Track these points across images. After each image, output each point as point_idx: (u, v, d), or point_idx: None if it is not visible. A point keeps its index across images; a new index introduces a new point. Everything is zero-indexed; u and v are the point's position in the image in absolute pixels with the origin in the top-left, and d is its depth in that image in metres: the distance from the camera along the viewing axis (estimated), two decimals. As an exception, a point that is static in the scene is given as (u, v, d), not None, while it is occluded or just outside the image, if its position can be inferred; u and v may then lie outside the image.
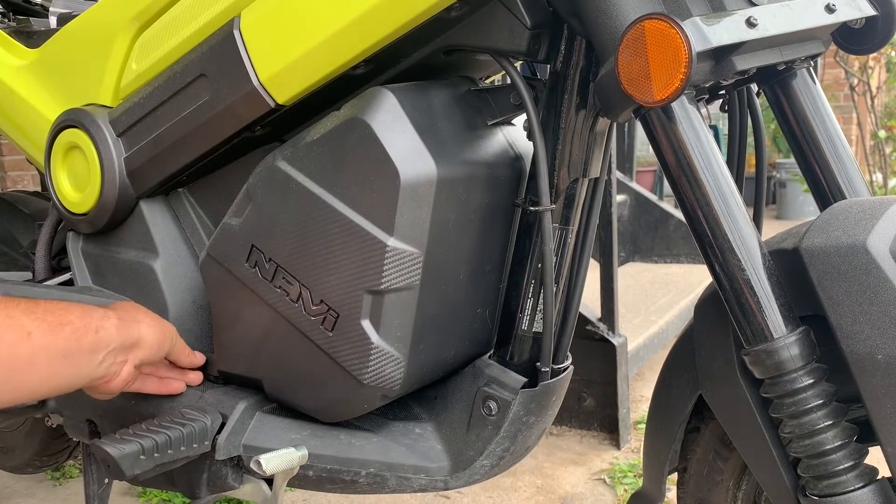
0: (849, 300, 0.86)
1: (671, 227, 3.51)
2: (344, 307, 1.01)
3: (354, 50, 1.00)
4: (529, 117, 1.00)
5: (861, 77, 4.62)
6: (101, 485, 1.32)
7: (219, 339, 1.15)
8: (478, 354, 1.14)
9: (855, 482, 0.88)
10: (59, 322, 0.99)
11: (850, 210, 0.92)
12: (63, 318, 1.00)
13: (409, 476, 1.09)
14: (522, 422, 1.07)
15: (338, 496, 1.93)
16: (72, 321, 1.00)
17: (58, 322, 0.99)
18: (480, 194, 1.05)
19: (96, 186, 1.21)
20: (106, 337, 1.03)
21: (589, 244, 1.12)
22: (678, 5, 0.92)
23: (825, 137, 1.10)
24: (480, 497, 2.00)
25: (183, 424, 1.07)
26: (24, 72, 1.34)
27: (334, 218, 1.00)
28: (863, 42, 1.12)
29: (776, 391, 0.91)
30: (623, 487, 2.06)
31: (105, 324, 1.03)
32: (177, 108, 1.14)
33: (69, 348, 0.99)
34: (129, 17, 1.18)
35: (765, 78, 1.11)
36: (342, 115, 1.00)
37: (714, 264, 0.92)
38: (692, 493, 1.12)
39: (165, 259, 1.21)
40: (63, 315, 1.00)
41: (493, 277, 1.12)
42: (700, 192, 0.91)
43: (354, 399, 1.06)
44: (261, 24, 1.05)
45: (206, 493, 1.16)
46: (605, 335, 2.27)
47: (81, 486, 1.34)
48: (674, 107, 0.91)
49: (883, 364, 0.85)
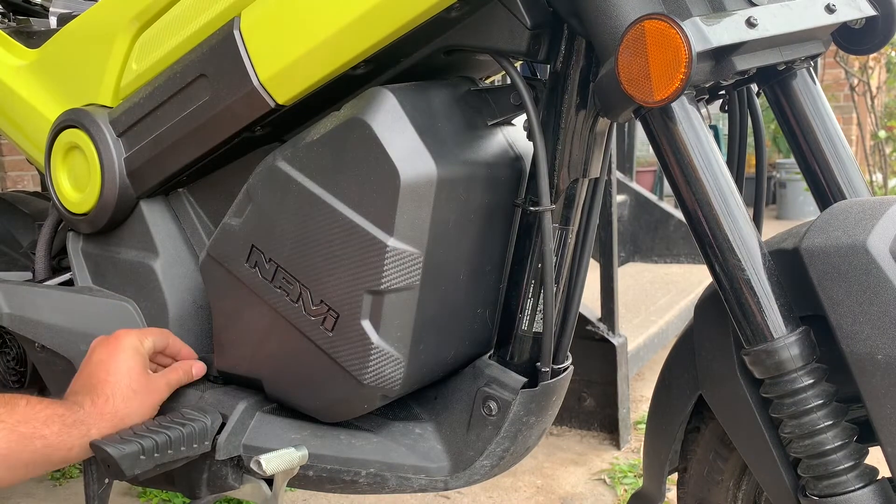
0: (849, 300, 0.86)
1: (671, 227, 3.51)
2: (344, 307, 1.01)
3: (354, 50, 1.00)
4: (529, 117, 1.00)
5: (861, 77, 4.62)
6: (101, 485, 1.32)
7: (219, 340, 1.15)
8: (478, 354, 1.14)
9: (855, 482, 0.88)
10: (31, 435, 0.98)
11: (850, 210, 0.92)
12: (38, 430, 0.98)
13: (409, 476, 1.09)
14: (522, 422, 1.07)
15: (338, 496, 1.93)
16: (45, 436, 0.99)
17: (30, 434, 0.98)
18: (480, 194, 1.05)
19: (96, 186, 1.21)
20: (79, 454, 1.02)
21: (589, 244, 1.12)
22: (678, 5, 0.92)
23: (825, 137, 1.10)
24: (480, 497, 2.00)
25: (183, 424, 1.07)
26: (24, 72, 1.34)
27: (334, 218, 1.00)
28: (863, 42, 1.12)
29: (776, 391, 0.91)
30: (623, 487, 2.06)
31: (82, 441, 1.01)
32: (177, 109, 1.14)
33: (35, 461, 0.99)
34: (129, 17, 1.18)
35: (765, 78, 1.11)
36: (342, 116, 1.00)
37: (714, 264, 0.92)
38: (692, 493, 1.12)
39: (165, 259, 1.21)
40: (39, 427, 0.99)
41: (493, 277, 1.12)
42: (700, 192, 0.91)
43: (354, 399, 1.06)
44: (261, 25, 1.05)
45: (206, 493, 1.16)
46: (605, 335, 2.27)
47: (81, 486, 1.34)
48: (674, 107, 0.91)
49: (883, 364, 0.85)
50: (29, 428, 0.98)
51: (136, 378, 1.08)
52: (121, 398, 1.06)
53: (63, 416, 1.02)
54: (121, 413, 1.06)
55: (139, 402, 1.08)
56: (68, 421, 1.02)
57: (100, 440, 1.02)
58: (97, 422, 1.04)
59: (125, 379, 1.07)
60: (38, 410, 1.00)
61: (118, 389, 1.07)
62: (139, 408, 1.08)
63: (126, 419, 1.06)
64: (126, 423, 1.06)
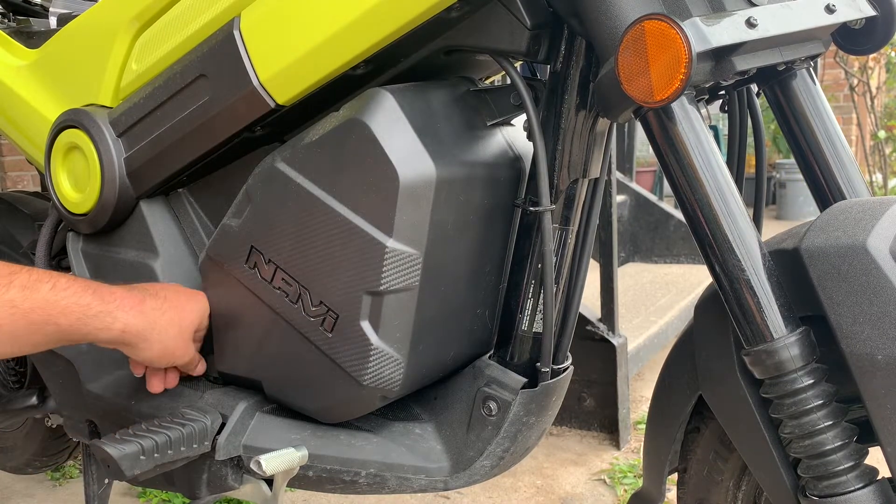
0: (849, 300, 0.86)
1: (671, 227, 3.51)
2: (343, 308, 1.01)
3: (354, 50, 1.00)
4: (529, 118, 1.00)
5: (861, 77, 4.62)
6: (101, 485, 1.33)
7: (218, 340, 1.15)
8: (478, 355, 1.14)
9: (855, 482, 0.88)
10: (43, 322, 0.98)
11: (850, 210, 0.92)
12: (52, 318, 0.98)
13: (409, 476, 1.09)
14: (522, 422, 1.07)
15: (338, 496, 1.93)
16: (59, 324, 0.99)
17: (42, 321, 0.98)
18: (480, 195, 1.05)
19: (96, 187, 1.21)
20: (96, 339, 1.03)
21: (589, 244, 1.12)
22: (678, 5, 0.92)
23: (825, 138, 1.10)
24: (480, 497, 2.00)
25: (183, 425, 1.07)
26: (24, 72, 1.34)
27: (333, 219, 1.00)
28: (863, 42, 1.12)
29: (776, 391, 0.91)
30: (623, 487, 2.06)
31: (99, 333, 1.02)
32: (177, 109, 1.14)
33: (46, 342, 0.99)
34: (129, 18, 1.18)
35: (765, 78, 1.11)
36: (341, 116, 1.00)
37: (714, 264, 0.92)
38: (692, 493, 1.12)
39: (165, 259, 1.21)
40: (55, 316, 0.98)
41: (492, 278, 1.12)
42: (700, 192, 0.91)
43: (354, 400, 1.06)
44: (261, 25, 1.05)
45: (206, 493, 1.16)
46: (605, 335, 2.27)
47: (81, 486, 1.34)
48: (674, 107, 0.91)
49: (883, 364, 0.85)
50: (42, 316, 0.97)
51: (187, 318, 1.09)
52: (162, 316, 1.06)
53: (88, 305, 1.00)
54: (152, 322, 1.05)
55: (172, 335, 1.07)
56: (91, 311, 1.01)
57: (100, 440, 1.02)
58: (125, 314, 1.03)
59: (180, 311, 1.08)
60: (61, 297, 0.99)
61: (165, 307, 1.07)
62: (166, 335, 1.07)
63: (153, 331, 1.05)
64: (149, 338, 1.05)
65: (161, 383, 1.15)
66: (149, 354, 1.07)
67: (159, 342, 1.07)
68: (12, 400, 1.47)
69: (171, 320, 1.07)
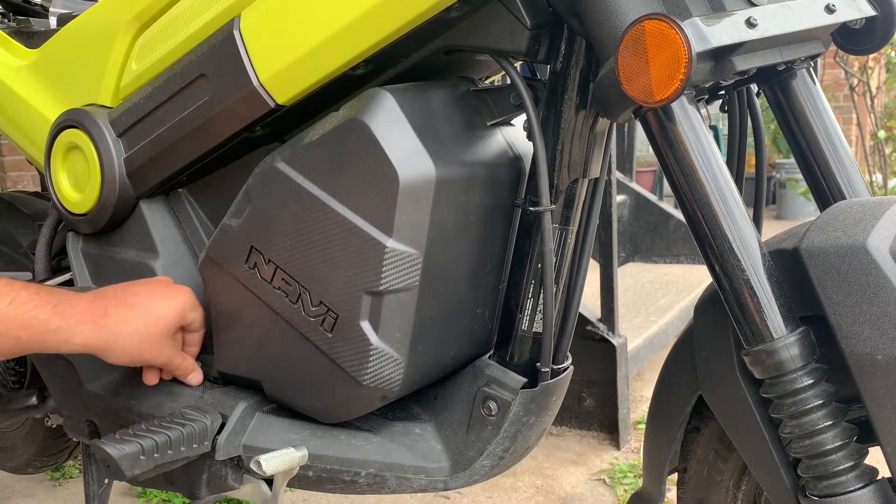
0: (849, 300, 0.86)
1: (671, 227, 3.51)
2: (343, 308, 1.01)
3: (354, 50, 1.00)
4: (529, 118, 1.00)
5: (861, 77, 4.62)
6: (101, 485, 1.32)
7: (218, 340, 1.15)
8: (478, 355, 1.13)
9: (855, 482, 0.88)
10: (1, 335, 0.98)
11: (850, 210, 0.92)
12: (11, 332, 0.98)
13: (408, 476, 1.09)
14: (522, 422, 1.07)
15: (338, 496, 1.93)
16: (19, 338, 0.99)
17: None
18: (480, 195, 1.05)
19: (96, 187, 1.21)
20: (58, 350, 1.04)
21: (589, 244, 1.12)
22: (678, 5, 0.92)
23: (825, 138, 1.10)
24: (480, 497, 2.00)
25: (183, 425, 1.07)
26: (24, 72, 1.34)
27: (333, 219, 1.00)
28: (863, 42, 1.12)
29: (776, 391, 0.91)
30: (623, 487, 2.06)
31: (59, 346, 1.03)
32: (177, 109, 1.14)
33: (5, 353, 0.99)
34: (129, 17, 1.18)
35: (765, 78, 1.11)
36: (341, 116, 1.00)
37: (714, 264, 0.92)
38: (692, 493, 1.12)
39: (165, 259, 1.21)
40: (13, 329, 0.98)
41: (492, 278, 1.12)
42: (700, 192, 0.91)
43: (354, 400, 1.06)
44: (261, 25, 1.05)
45: (206, 493, 1.16)
46: (605, 335, 2.27)
47: (81, 486, 1.34)
48: (674, 107, 0.91)
49: (883, 364, 0.85)
50: (1, 329, 0.98)
51: (155, 325, 1.08)
52: (125, 326, 1.05)
53: (47, 321, 1.01)
54: (114, 333, 1.05)
55: (136, 343, 1.07)
56: (51, 327, 1.01)
57: (100, 440, 1.02)
58: (85, 328, 1.03)
59: (146, 317, 1.07)
60: (21, 312, 0.99)
61: (130, 316, 1.06)
62: (130, 344, 1.06)
63: (116, 342, 1.05)
64: (113, 348, 1.05)
65: (155, 376, 1.16)
66: (116, 361, 1.09)
67: (123, 350, 1.07)
68: (12, 400, 1.47)
69: (136, 329, 1.07)
